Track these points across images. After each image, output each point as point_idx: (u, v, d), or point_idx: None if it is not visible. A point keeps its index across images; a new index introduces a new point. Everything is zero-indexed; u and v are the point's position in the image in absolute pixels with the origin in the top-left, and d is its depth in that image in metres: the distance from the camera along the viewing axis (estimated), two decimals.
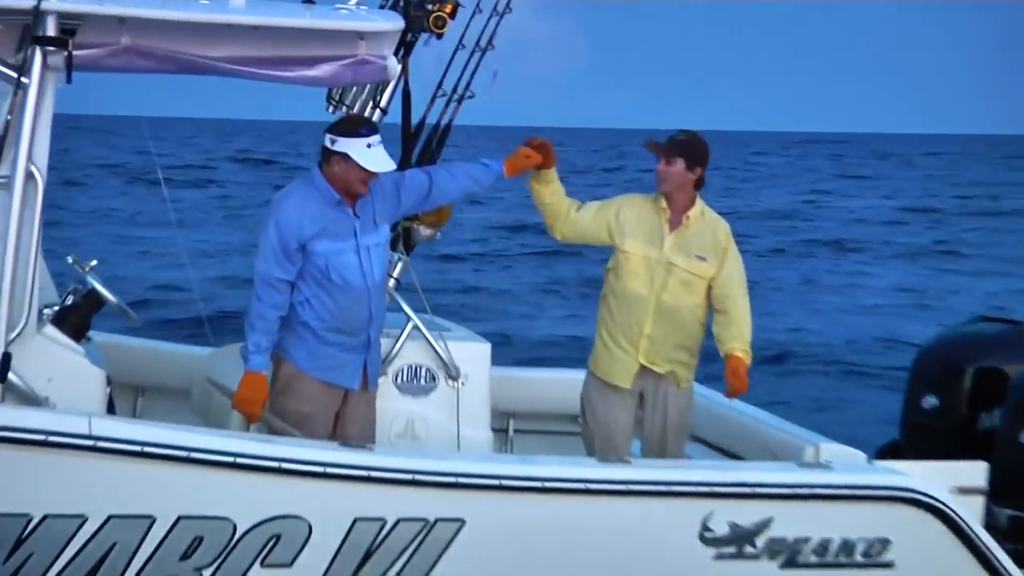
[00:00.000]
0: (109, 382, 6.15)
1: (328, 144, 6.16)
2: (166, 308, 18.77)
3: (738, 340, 6.62)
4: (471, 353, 6.80)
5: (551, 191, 6.72)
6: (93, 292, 6.34)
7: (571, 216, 6.74)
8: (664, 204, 6.65)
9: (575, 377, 7.14)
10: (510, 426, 7.95)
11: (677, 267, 6.61)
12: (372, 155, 6.12)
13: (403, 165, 6.77)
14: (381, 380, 6.60)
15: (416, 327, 6.71)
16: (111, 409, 6.24)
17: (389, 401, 6.63)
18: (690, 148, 6.63)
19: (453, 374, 6.74)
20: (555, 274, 26.18)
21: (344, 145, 6.12)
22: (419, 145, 6.93)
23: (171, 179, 48.22)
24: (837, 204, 49.93)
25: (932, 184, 66.56)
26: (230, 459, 5.58)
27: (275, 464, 5.64)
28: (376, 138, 6.17)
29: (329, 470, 5.70)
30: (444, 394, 6.73)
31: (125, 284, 19.13)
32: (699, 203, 6.69)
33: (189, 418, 6.78)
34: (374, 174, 6.16)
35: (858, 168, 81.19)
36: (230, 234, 30.97)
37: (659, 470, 6.16)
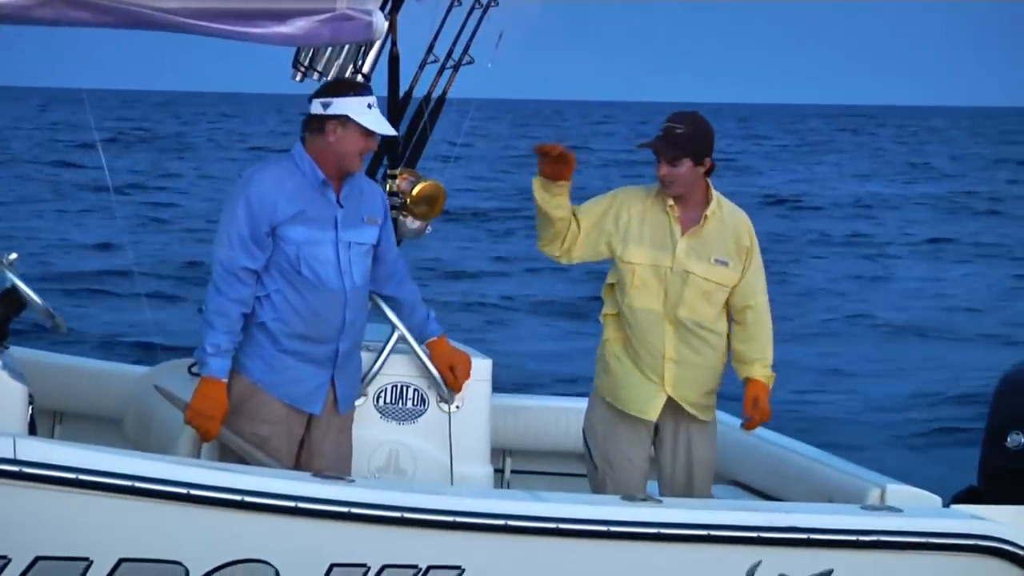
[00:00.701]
0: (31, 400, 6.02)
1: (320, 110, 6.10)
2: None
3: (760, 361, 6.63)
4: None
5: (558, 204, 6.46)
6: (12, 292, 6.18)
7: (575, 234, 6.56)
8: (672, 202, 6.53)
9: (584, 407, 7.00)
10: (507, 465, 7.81)
11: (694, 275, 6.51)
12: (375, 116, 6.11)
13: (390, 144, 6.74)
14: (360, 402, 6.50)
15: (403, 337, 6.58)
16: (33, 432, 6.12)
17: (368, 428, 6.52)
18: (695, 141, 6.45)
19: (446, 396, 6.61)
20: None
21: (342, 106, 6.07)
22: (407, 120, 6.88)
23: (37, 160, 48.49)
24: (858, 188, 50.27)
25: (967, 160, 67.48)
26: (182, 490, 5.47)
27: (236, 498, 5.52)
28: (375, 99, 6.16)
29: (301, 506, 5.58)
30: (435, 420, 6.62)
31: None
32: (715, 195, 6.59)
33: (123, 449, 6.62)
34: (373, 144, 6.15)
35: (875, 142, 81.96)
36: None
37: (696, 511, 6.09)
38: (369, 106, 6.07)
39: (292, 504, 5.56)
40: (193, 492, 5.46)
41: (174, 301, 20.20)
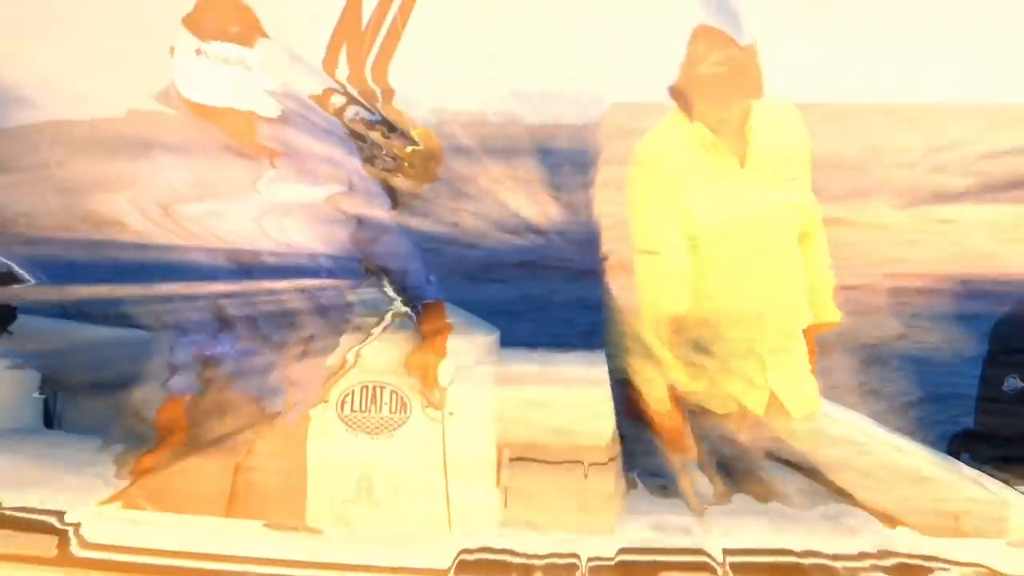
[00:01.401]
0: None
1: None
2: None
3: (831, 290, 5.26)
4: (467, 352, 5.19)
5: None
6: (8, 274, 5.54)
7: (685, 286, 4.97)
8: (711, 135, 4.91)
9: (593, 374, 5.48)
10: (503, 461, 6.18)
11: (776, 209, 4.94)
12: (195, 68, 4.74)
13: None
14: (320, 409, 5.11)
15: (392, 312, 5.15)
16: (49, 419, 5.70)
17: (330, 445, 5.11)
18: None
19: (434, 398, 5.13)
20: None
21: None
22: None
23: None
24: None
25: None
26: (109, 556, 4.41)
27: (164, 563, 4.38)
28: (205, 44, 4.73)
29: (251, 568, 4.40)
30: (421, 431, 5.16)
31: None
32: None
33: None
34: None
35: None
36: None
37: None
38: (197, 51, 4.70)
39: (240, 568, 4.40)
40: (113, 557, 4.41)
41: None
